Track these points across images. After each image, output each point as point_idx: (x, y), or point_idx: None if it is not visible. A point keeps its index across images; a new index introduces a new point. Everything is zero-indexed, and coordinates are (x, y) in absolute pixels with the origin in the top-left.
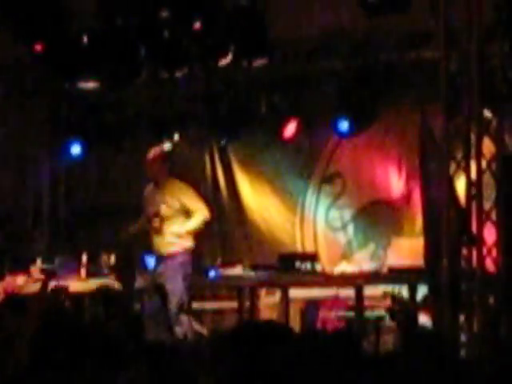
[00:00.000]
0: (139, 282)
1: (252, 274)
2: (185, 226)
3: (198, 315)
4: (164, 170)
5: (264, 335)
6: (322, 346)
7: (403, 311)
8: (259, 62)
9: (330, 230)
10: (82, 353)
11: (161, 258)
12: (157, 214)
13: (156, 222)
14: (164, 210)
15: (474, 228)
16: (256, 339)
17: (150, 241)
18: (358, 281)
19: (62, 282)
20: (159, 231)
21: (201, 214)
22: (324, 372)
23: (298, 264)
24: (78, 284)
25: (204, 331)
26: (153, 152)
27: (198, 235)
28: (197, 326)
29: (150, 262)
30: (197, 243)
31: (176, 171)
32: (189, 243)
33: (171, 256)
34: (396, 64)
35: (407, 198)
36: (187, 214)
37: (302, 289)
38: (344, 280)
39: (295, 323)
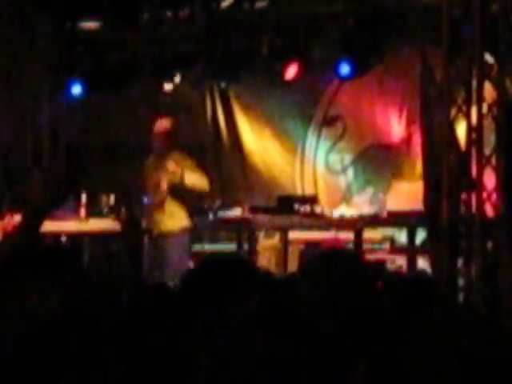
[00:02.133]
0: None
1: (251, 216)
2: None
3: (197, 258)
4: (168, 144)
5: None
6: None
7: None
8: (261, 4)
9: (329, 173)
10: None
11: (160, 236)
12: (157, 186)
13: (159, 194)
14: (164, 183)
15: (473, 173)
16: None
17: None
18: (357, 224)
19: (61, 222)
20: (163, 202)
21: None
22: None
23: (297, 206)
24: (77, 224)
25: None
26: (159, 125)
27: None
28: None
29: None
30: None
31: (176, 112)
32: (186, 222)
33: (172, 234)
34: (398, 8)
35: (407, 141)
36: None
37: (301, 231)
38: (343, 223)
39: (294, 265)
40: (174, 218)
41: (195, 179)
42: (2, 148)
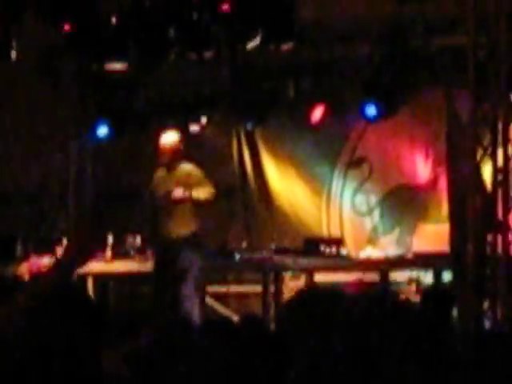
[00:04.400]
0: None
1: (277, 257)
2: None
3: (223, 299)
4: (178, 156)
5: None
6: None
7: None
8: (287, 46)
9: (355, 215)
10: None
11: (172, 242)
12: (168, 195)
13: (169, 204)
14: (175, 192)
15: (499, 214)
16: None
17: (159, 227)
18: (383, 266)
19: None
20: (172, 212)
21: (210, 189)
22: None
23: (323, 248)
24: (103, 265)
25: (231, 314)
26: (167, 138)
27: (224, 219)
28: (223, 310)
29: None
30: (222, 227)
31: (203, 155)
32: (196, 227)
33: (185, 238)
34: (423, 49)
35: (433, 183)
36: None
37: (327, 273)
38: (369, 265)
39: None
40: (185, 225)
41: (200, 194)
42: (29, 192)
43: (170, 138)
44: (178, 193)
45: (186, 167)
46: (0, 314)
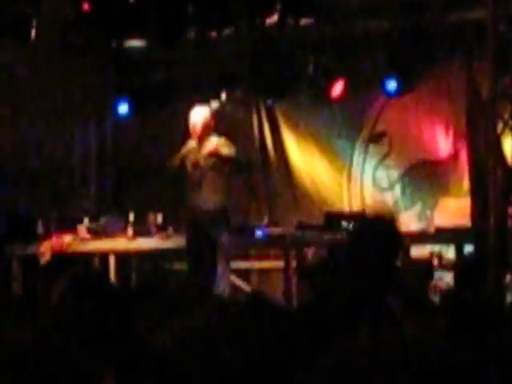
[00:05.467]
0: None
1: (299, 233)
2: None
3: (245, 275)
4: (209, 131)
5: None
6: None
7: None
8: (306, 22)
9: (376, 190)
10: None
11: (201, 213)
12: (196, 164)
13: (198, 172)
14: (203, 161)
15: None
16: None
17: (187, 200)
18: (405, 240)
19: (109, 241)
20: (202, 181)
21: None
22: None
23: (344, 223)
24: (125, 242)
25: (248, 288)
26: (198, 114)
27: (245, 196)
28: (239, 282)
29: None
30: (243, 203)
31: (223, 131)
32: (225, 200)
33: (214, 210)
34: (444, 24)
35: (454, 157)
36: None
37: None
38: None
39: None
40: (215, 195)
41: (226, 150)
42: (50, 170)
43: (200, 113)
44: (208, 148)
45: (215, 140)
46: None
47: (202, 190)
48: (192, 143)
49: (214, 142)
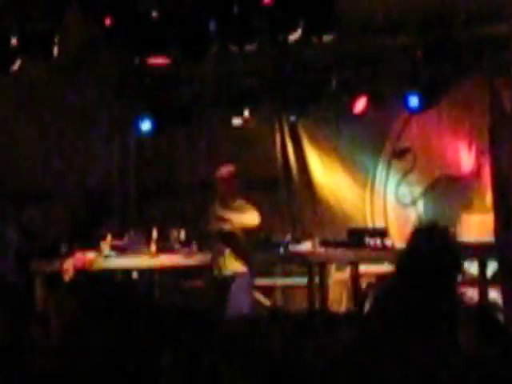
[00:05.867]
0: None
1: (322, 249)
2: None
3: (269, 291)
4: (232, 189)
5: None
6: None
7: None
8: (329, 38)
9: (399, 206)
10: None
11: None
12: (220, 232)
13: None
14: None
15: None
16: None
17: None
18: None
19: (132, 258)
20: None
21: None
22: None
23: (367, 239)
24: (148, 259)
25: (267, 303)
26: (224, 170)
27: (268, 212)
28: (259, 296)
29: None
30: (267, 219)
31: (246, 148)
32: (247, 266)
33: (236, 275)
34: (466, 39)
35: (477, 173)
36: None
37: (372, 264)
38: None
39: None
40: (237, 261)
41: (243, 220)
42: (74, 189)
43: (223, 169)
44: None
45: (239, 203)
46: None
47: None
48: (216, 207)
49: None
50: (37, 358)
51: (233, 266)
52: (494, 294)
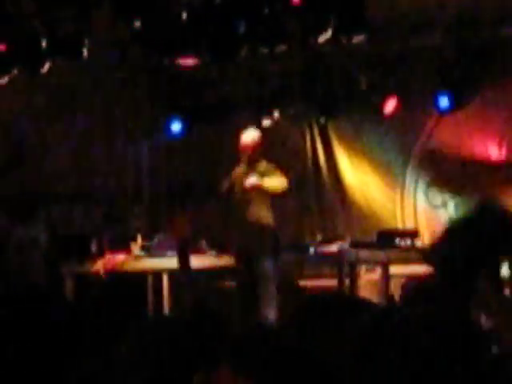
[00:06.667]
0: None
1: (352, 250)
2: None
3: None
4: (258, 153)
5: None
6: None
7: None
8: (358, 39)
9: (430, 207)
10: None
11: (249, 231)
12: (244, 190)
13: (250, 180)
14: (248, 180)
15: None
16: None
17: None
18: None
19: (161, 260)
20: (256, 188)
21: (282, 179)
22: None
23: (397, 240)
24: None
25: None
26: (248, 136)
27: (298, 213)
28: None
29: None
30: (296, 220)
31: (276, 149)
32: (272, 222)
33: (263, 228)
34: (496, 39)
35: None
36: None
37: (403, 265)
38: None
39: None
40: (263, 218)
41: (272, 182)
42: (104, 190)
43: (250, 135)
44: (250, 181)
45: (264, 164)
46: None
47: (250, 212)
48: (241, 168)
49: (261, 170)
50: None
51: (260, 222)
52: None
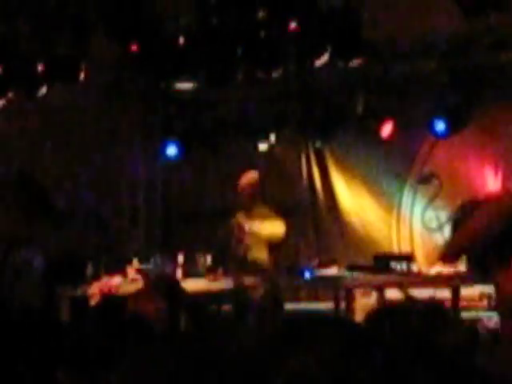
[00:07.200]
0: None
1: (348, 274)
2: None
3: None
4: (254, 197)
5: None
6: None
7: None
8: (355, 63)
9: (426, 231)
10: None
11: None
12: (241, 241)
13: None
14: (249, 239)
15: None
16: None
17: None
18: (454, 281)
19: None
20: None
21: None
22: None
23: (393, 264)
24: None
25: None
26: (244, 179)
27: (294, 237)
28: None
29: None
30: (293, 244)
31: (272, 173)
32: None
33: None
34: (492, 64)
35: None
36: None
37: (398, 289)
38: (440, 280)
39: None
40: (261, 271)
41: (268, 228)
42: (100, 211)
43: (248, 177)
44: (250, 228)
45: (262, 209)
46: None
47: (247, 263)
48: (240, 218)
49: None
50: None
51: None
52: None
